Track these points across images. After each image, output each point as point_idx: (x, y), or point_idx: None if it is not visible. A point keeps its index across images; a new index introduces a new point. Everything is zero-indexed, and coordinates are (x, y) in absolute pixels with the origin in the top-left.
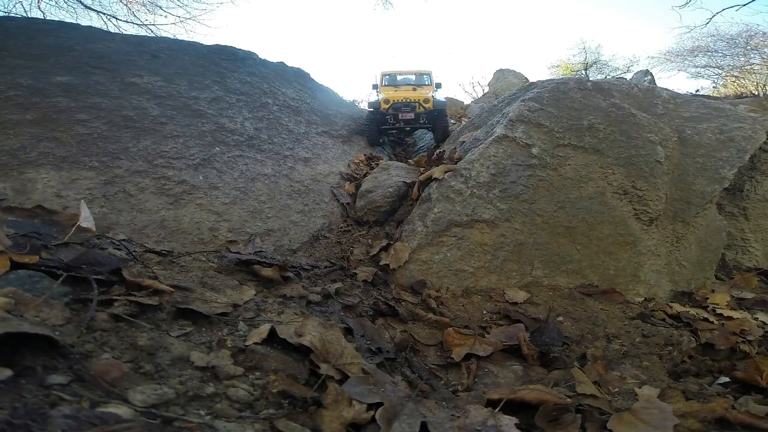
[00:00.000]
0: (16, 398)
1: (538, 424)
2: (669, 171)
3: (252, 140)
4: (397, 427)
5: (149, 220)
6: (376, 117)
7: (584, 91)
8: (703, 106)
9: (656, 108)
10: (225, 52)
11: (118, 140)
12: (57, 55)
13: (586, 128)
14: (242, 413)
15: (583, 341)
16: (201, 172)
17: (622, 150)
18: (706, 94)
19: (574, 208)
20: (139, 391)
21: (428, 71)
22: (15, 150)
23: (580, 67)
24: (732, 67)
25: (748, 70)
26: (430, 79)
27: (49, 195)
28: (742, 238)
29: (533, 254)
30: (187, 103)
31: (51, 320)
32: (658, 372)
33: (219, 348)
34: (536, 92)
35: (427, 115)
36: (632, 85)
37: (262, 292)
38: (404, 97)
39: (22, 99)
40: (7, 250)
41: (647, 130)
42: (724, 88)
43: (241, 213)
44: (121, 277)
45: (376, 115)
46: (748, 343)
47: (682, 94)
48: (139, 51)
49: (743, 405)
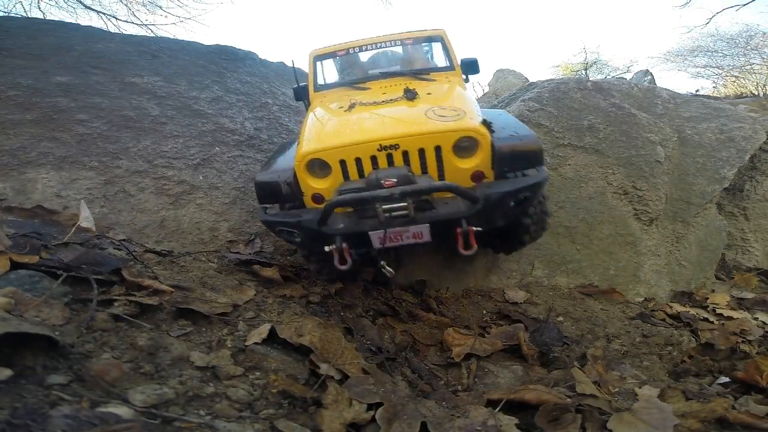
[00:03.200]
0: (16, 398)
1: (538, 424)
2: (669, 171)
3: (252, 140)
4: (397, 427)
5: (149, 220)
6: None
7: (584, 91)
8: (703, 106)
9: (656, 108)
10: (225, 52)
11: (118, 140)
12: (57, 55)
13: (586, 128)
14: (242, 413)
15: (583, 341)
16: (201, 172)
17: (622, 150)
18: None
19: (574, 208)
20: (139, 391)
21: (438, 34)
22: (15, 150)
23: (580, 67)
24: (732, 67)
25: (748, 70)
26: (447, 55)
27: (49, 195)
28: (742, 238)
29: (533, 254)
30: (187, 103)
31: (51, 320)
32: (658, 372)
33: (219, 348)
34: (536, 92)
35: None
36: (632, 85)
37: (262, 292)
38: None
39: (22, 99)
40: (7, 250)
41: (647, 130)
42: (724, 88)
43: (241, 213)
44: (121, 277)
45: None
46: (748, 343)
47: (682, 94)
48: (139, 51)
49: (743, 405)
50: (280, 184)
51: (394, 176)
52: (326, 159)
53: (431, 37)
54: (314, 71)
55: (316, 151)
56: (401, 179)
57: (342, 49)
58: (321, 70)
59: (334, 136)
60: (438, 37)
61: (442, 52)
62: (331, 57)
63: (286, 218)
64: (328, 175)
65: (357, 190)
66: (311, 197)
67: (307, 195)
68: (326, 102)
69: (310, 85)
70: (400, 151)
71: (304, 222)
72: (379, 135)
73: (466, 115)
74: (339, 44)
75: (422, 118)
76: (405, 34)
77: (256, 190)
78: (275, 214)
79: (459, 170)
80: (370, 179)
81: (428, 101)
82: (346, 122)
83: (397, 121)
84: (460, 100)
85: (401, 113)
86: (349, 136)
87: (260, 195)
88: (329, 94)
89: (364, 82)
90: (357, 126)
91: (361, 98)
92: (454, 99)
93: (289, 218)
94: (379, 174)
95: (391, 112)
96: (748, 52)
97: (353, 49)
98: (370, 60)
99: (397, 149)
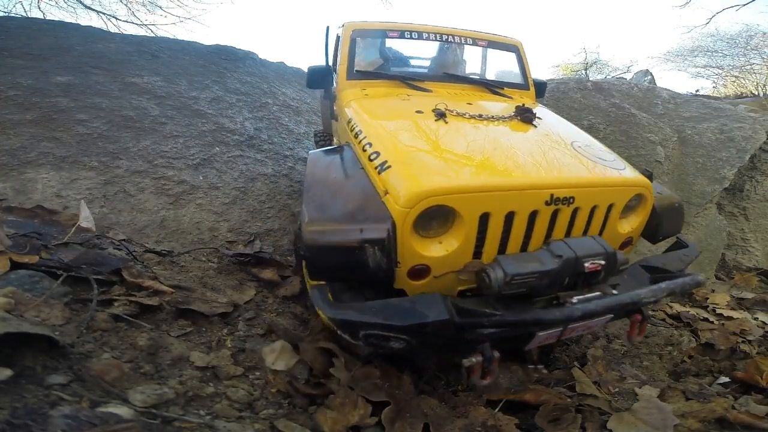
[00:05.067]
0: (16, 398)
1: (538, 424)
2: (669, 171)
3: (252, 140)
4: (399, 427)
5: (149, 220)
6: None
7: (584, 91)
8: (703, 106)
9: (656, 108)
10: (225, 52)
11: (118, 140)
12: (57, 55)
13: (586, 128)
14: (242, 413)
15: (583, 341)
16: (201, 172)
17: (622, 150)
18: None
19: None
20: (139, 391)
21: (514, 44)
22: (15, 150)
23: (580, 67)
24: (732, 67)
25: (748, 70)
26: (522, 71)
27: (49, 195)
28: (742, 238)
29: None
30: (187, 103)
31: (51, 320)
32: (658, 372)
33: (219, 348)
34: None
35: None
36: (632, 85)
37: (261, 292)
38: (563, 185)
39: (22, 99)
40: (7, 250)
41: (647, 130)
42: (724, 88)
43: (241, 213)
44: (121, 277)
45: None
46: (748, 343)
47: (682, 94)
48: (139, 51)
49: (743, 405)
50: (366, 250)
51: (596, 254)
52: (457, 207)
53: (507, 45)
54: (351, 51)
55: (442, 192)
56: (608, 259)
57: (395, 29)
58: (361, 52)
59: (465, 170)
60: (514, 47)
61: (517, 65)
62: (377, 37)
63: (394, 317)
64: (446, 232)
65: (542, 275)
66: (408, 271)
67: (404, 266)
68: (377, 99)
69: (342, 68)
70: (571, 209)
71: (437, 323)
72: (552, 180)
73: (625, 163)
74: (388, 23)
75: (587, 161)
76: (478, 34)
77: (314, 260)
78: (360, 309)
79: (617, 236)
80: (568, 258)
81: (552, 132)
82: (466, 147)
83: (563, 161)
84: (587, 137)
85: (548, 148)
86: (499, 175)
87: (322, 267)
88: (373, 88)
89: (422, 80)
90: (494, 157)
91: (446, 104)
92: (581, 134)
93: (401, 317)
94: (575, 247)
95: (527, 143)
96: (748, 52)
97: (411, 33)
98: (437, 56)
99: (570, 204)
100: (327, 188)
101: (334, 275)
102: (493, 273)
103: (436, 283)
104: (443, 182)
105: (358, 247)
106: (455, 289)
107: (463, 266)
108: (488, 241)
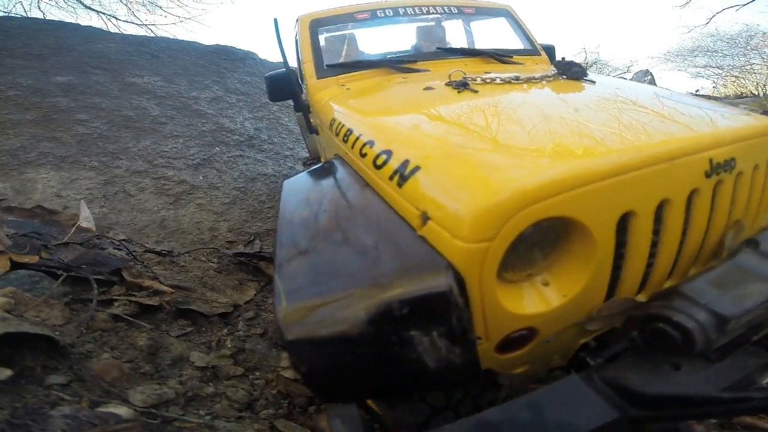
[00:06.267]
0: (16, 398)
1: None
2: None
3: (252, 140)
4: None
5: (149, 220)
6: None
7: None
8: None
9: None
10: (225, 52)
11: (118, 140)
12: (57, 55)
13: None
14: (242, 413)
15: None
16: (201, 172)
17: None
18: (706, 94)
19: None
20: (139, 391)
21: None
22: (15, 150)
23: None
24: (732, 67)
25: (748, 70)
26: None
27: (49, 195)
28: None
29: None
30: (187, 103)
31: (51, 320)
32: None
33: (219, 348)
34: None
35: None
36: None
37: (262, 292)
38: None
39: (22, 99)
40: (7, 250)
41: None
42: (724, 88)
43: (241, 213)
44: (121, 277)
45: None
46: None
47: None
48: (139, 51)
49: None
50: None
51: None
52: (579, 217)
53: (495, 10)
54: (315, 45)
55: (548, 192)
56: None
57: (362, 9)
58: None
59: (552, 152)
60: (505, 11)
61: (514, 32)
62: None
63: None
64: (556, 264)
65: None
66: (498, 345)
67: (489, 340)
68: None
69: (308, 67)
70: (734, 176)
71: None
72: (703, 139)
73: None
74: (348, 6)
75: (701, 111)
76: (462, 0)
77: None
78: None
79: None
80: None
81: (619, 85)
82: (528, 119)
83: (677, 117)
84: (659, 88)
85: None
86: (619, 148)
87: (327, 383)
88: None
89: (413, 62)
90: (582, 126)
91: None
92: (646, 86)
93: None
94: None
95: (607, 102)
96: (748, 52)
97: (384, 11)
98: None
99: (732, 170)
100: (313, 235)
101: (354, 394)
102: (689, 320)
103: (545, 348)
104: (545, 176)
105: (392, 337)
106: (575, 345)
107: (596, 311)
108: (630, 262)
